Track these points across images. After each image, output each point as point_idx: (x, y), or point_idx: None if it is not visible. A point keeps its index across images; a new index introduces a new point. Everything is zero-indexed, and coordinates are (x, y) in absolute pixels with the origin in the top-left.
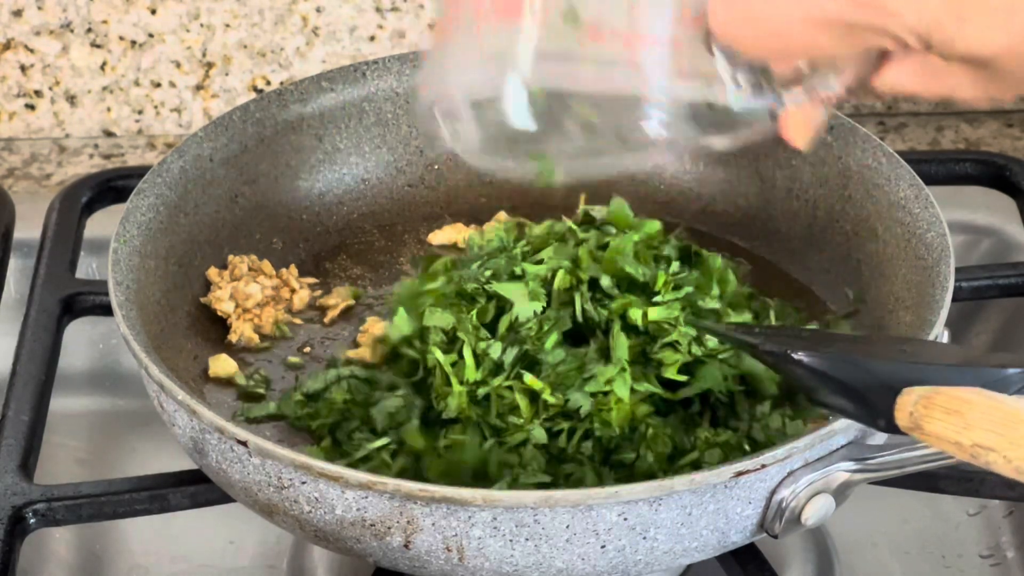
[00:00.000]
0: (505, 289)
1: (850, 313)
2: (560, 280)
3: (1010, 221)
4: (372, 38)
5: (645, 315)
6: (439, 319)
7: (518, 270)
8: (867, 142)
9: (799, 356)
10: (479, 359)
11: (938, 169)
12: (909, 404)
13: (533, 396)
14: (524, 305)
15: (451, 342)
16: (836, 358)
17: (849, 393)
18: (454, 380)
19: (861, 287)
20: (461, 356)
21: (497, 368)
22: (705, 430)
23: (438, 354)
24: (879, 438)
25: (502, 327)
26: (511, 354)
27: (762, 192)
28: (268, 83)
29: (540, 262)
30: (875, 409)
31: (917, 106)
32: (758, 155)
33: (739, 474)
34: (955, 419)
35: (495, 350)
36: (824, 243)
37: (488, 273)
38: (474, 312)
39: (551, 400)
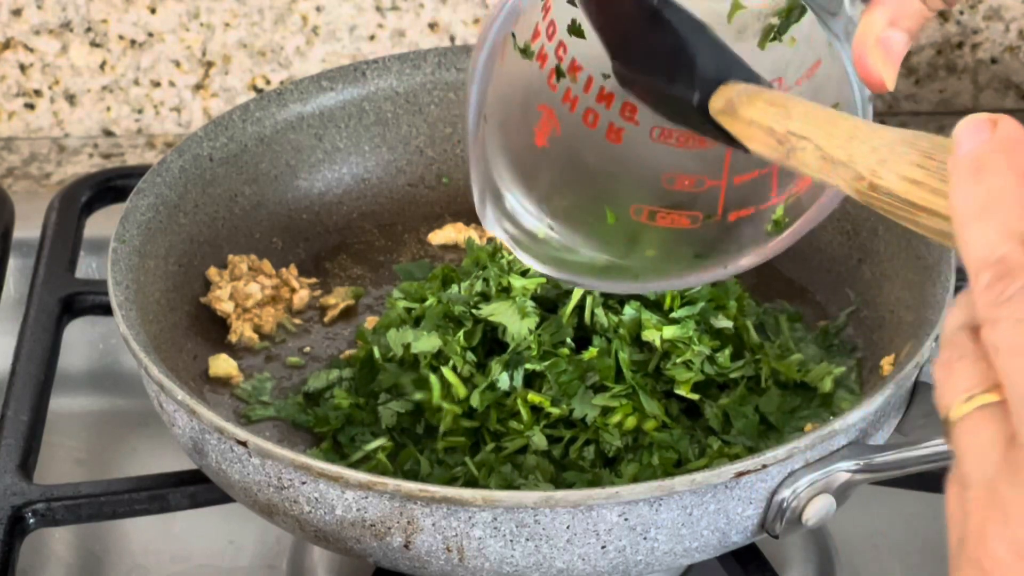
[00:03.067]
0: (494, 313)
1: (851, 313)
2: (576, 294)
3: None
4: (372, 37)
5: (661, 336)
6: (425, 344)
7: (504, 282)
8: None
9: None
10: (468, 381)
11: None
12: (732, 92)
13: (535, 406)
14: (516, 325)
15: (439, 357)
16: (691, 19)
17: (681, 58)
18: (446, 399)
19: (862, 287)
20: (455, 370)
21: (502, 390)
22: (717, 440)
23: (430, 377)
24: (880, 438)
25: (507, 355)
26: (519, 377)
27: None
28: (268, 82)
29: (527, 272)
30: (696, 84)
31: (918, 105)
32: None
33: (740, 474)
34: (777, 110)
35: (503, 382)
36: (825, 242)
37: (476, 297)
38: (460, 334)
39: (554, 411)
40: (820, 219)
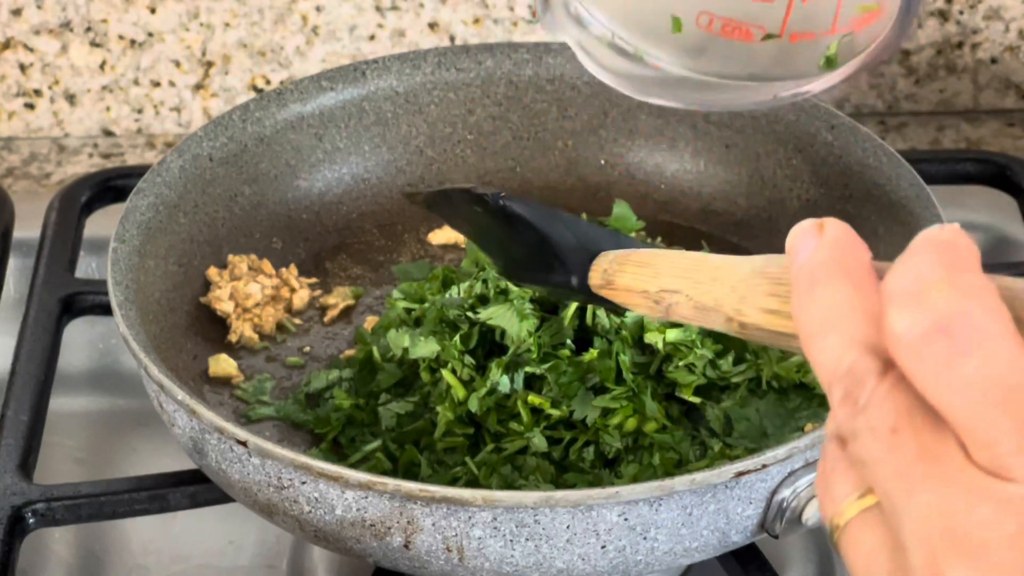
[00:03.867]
0: (492, 316)
1: None
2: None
3: (1011, 220)
4: (372, 37)
5: (664, 339)
6: (423, 349)
7: (502, 285)
8: (868, 141)
9: (507, 203)
10: (469, 385)
11: (939, 168)
12: (604, 263)
13: (535, 408)
14: (515, 328)
15: (439, 361)
16: (544, 212)
17: (548, 249)
18: (445, 402)
19: None
20: (455, 372)
21: (502, 393)
22: (718, 441)
23: (428, 378)
24: None
25: (507, 358)
26: (519, 380)
27: (762, 192)
28: (268, 82)
29: None
30: (570, 268)
31: (918, 105)
32: (759, 155)
33: (740, 474)
34: (646, 270)
35: (504, 384)
36: None
37: (472, 300)
38: (457, 338)
39: (554, 413)
40: (871, 65)
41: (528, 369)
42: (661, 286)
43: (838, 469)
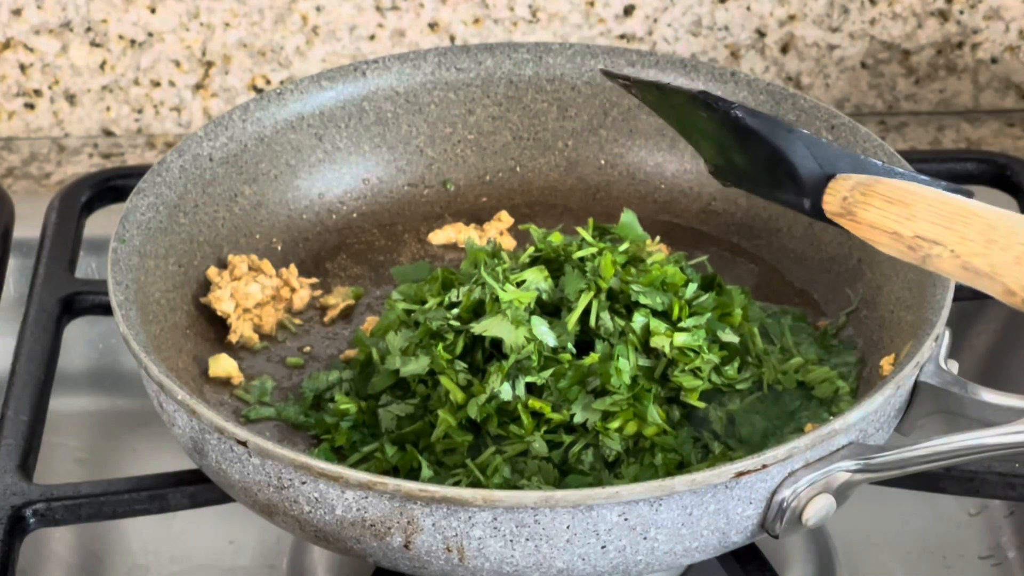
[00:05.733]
0: (488, 328)
1: (850, 313)
2: (582, 301)
3: None
4: (372, 37)
5: (671, 343)
6: (414, 367)
7: (497, 291)
8: (868, 141)
9: (741, 115)
10: (468, 389)
11: (939, 168)
12: (844, 189)
13: (535, 412)
14: (511, 336)
15: (434, 374)
16: (778, 126)
17: (780, 166)
18: (444, 408)
19: (862, 287)
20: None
21: (503, 400)
22: (720, 444)
23: (423, 391)
24: (880, 438)
25: (507, 365)
26: (520, 387)
27: None
28: (268, 82)
29: (523, 282)
30: (803, 188)
31: (918, 105)
32: None
33: (740, 474)
34: (897, 208)
35: (505, 392)
36: (825, 243)
37: (457, 311)
38: (440, 347)
39: (555, 417)
40: None
41: (529, 379)
42: (917, 232)
43: None
